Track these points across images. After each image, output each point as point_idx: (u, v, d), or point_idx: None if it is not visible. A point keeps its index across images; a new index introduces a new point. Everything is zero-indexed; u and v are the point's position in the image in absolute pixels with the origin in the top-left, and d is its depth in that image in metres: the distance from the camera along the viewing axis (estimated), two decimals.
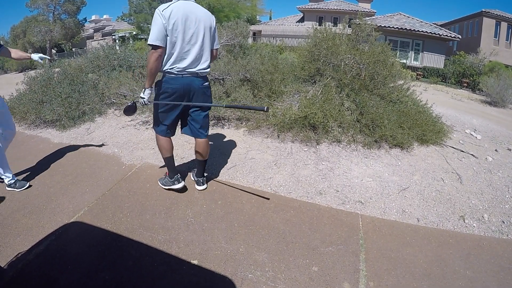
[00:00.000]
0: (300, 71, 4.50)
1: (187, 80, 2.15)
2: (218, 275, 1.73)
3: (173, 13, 1.98)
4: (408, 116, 3.70)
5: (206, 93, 2.28)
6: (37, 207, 2.29)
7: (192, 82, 2.16)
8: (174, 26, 1.99)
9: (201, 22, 2.09)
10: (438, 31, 16.60)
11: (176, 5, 2.02)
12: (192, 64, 2.12)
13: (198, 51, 2.12)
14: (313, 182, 2.76)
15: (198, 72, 2.16)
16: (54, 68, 5.28)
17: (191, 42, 2.08)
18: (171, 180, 2.41)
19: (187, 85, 2.15)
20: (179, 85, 2.13)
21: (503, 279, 1.80)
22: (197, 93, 2.21)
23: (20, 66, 19.19)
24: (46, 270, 1.70)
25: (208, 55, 2.21)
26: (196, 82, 2.18)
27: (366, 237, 2.09)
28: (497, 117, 7.14)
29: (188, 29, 2.05)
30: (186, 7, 2.05)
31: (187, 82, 2.15)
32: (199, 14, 2.10)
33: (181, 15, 2.01)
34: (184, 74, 2.13)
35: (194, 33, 2.07)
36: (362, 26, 4.67)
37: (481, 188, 2.83)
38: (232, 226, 2.14)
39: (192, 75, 2.16)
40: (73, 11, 22.07)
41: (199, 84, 2.19)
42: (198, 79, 2.19)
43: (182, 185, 2.43)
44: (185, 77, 2.14)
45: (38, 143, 3.56)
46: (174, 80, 2.13)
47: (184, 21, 2.02)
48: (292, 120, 3.52)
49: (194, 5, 2.11)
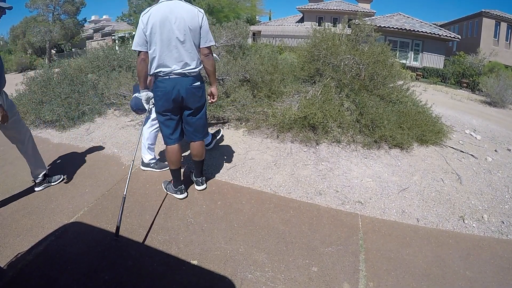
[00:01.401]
0: (299, 72, 4.50)
1: (175, 81, 2.11)
2: (217, 275, 1.73)
3: (151, 17, 2.00)
4: (408, 116, 3.70)
5: (197, 93, 2.20)
6: (37, 208, 2.29)
7: (180, 82, 2.12)
8: (152, 30, 2.00)
9: (182, 21, 2.02)
10: (438, 31, 16.62)
11: (156, 8, 2.02)
12: (176, 65, 2.08)
13: (182, 52, 2.07)
14: (312, 183, 2.76)
15: (185, 72, 2.12)
16: (53, 68, 5.28)
17: (171, 43, 2.04)
18: (174, 189, 2.42)
19: (175, 85, 2.11)
20: (168, 87, 2.10)
21: (503, 279, 1.80)
22: (187, 94, 2.15)
23: (19, 67, 19.20)
24: (46, 270, 1.70)
25: (195, 54, 2.14)
26: (185, 82, 2.13)
27: (366, 238, 2.09)
28: (497, 118, 7.15)
29: (167, 31, 2.01)
30: (166, 9, 2.01)
31: (175, 83, 2.11)
32: (181, 13, 2.03)
33: (159, 18, 1.99)
34: (171, 75, 2.10)
35: (173, 34, 2.02)
36: (361, 26, 4.68)
37: (481, 189, 2.83)
38: (231, 227, 2.14)
39: (180, 75, 2.12)
40: (73, 11, 22.07)
41: (187, 84, 2.14)
42: (187, 79, 2.14)
43: (184, 196, 2.43)
44: (172, 78, 2.11)
45: (37, 144, 3.51)
46: (162, 82, 2.12)
47: (163, 23, 2.00)
48: (291, 121, 3.53)
49: (177, 4, 2.05)
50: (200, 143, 2.39)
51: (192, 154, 2.43)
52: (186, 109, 2.24)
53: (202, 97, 2.27)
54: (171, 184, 2.45)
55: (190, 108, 2.22)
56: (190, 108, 2.22)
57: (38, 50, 22.89)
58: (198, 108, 2.26)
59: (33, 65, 18.60)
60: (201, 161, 2.47)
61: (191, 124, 2.29)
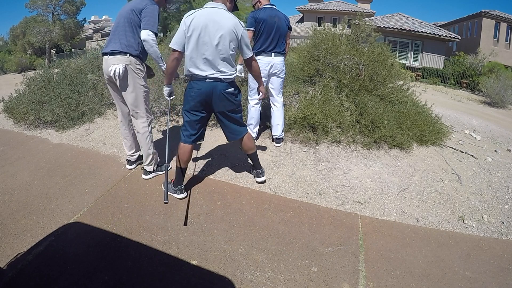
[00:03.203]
0: (299, 72, 4.50)
1: (210, 84, 2.17)
2: (217, 275, 1.73)
3: (194, 20, 2.07)
4: (408, 116, 3.70)
5: (230, 99, 2.26)
6: (37, 208, 2.29)
7: (214, 86, 2.18)
8: (193, 33, 2.07)
9: (221, 30, 2.09)
10: (438, 32, 16.64)
11: (200, 13, 2.09)
12: (213, 69, 2.15)
13: (218, 58, 2.14)
14: (312, 183, 2.76)
15: (221, 77, 2.19)
16: (53, 68, 5.27)
17: (209, 49, 2.10)
18: (174, 189, 2.43)
19: (209, 89, 2.17)
20: (203, 89, 2.17)
21: (503, 279, 1.80)
22: (219, 98, 2.21)
23: (19, 67, 19.19)
24: (46, 270, 1.70)
25: (231, 61, 2.22)
26: (219, 87, 2.19)
27: (366, 238, 2.09)
28: (497, 118, 7.16)
29: (208, 36, 2.08)
30: (210, 15, 2.09)
31: (210, 86, 2.17)
32: (224, 22, 2.10)
33: (202, 23, 2.07)
34: (207, 79, 2.17)
35: (213, 40, 2.09)
36: (361, 26, 4.68)
37: (481, 189, 2.83)
38: (231, 227, 2.14)
39: (215, 80, 2.18)
40: (73, 11, 22.07)
41: (222, 89, 2.20)
42: (221, 84, 2.20)
43: (184, 196, 2.44)
44: (207, 82, 2.17)
45: (37, 144, 3.55)
46: (197, 84, 2.18)
47: (205, 28, 2.07)
48: (291, 121, 3.53)
49: (220, 12, 2.13)
50: (246, 138, 2.47)
51: (244, 150, 2.54)
52: (219, 113, 2.31)
53: (236, 101, 2.34)
54: (171, 183, 2.46)
55: (223, 112, 2.30)
56: (223, 111, 2.30)
57: (38, 50, 22.86)
58: (232, 111, 2.33)
59: (32, 66, 18.59)
60: (254, 153, 2.56)
61: (227, 126, 2.39)
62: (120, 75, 2.33)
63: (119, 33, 2.37)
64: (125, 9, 2.39)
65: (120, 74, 2.32)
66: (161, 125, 3.93)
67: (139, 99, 2.47)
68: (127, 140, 2.75)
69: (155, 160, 2.69)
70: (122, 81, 2.38)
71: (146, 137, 2.57)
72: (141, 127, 2.54)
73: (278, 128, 3.30)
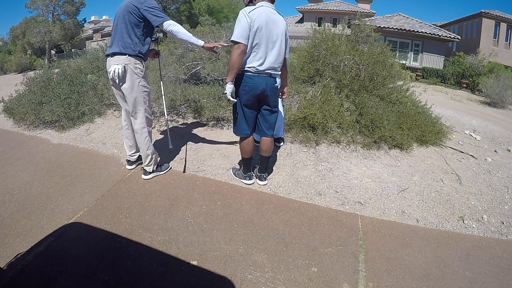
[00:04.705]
0: (299, 72, 4.50)
1: (264, 79, 2.28)
2: (217, 276, 1.73)
3: (258, 16, 2.15)
4: (408, 117, 3.71)
5: (276, 93, 2.44)
6: (37, 208, 2.29)
7: (267, 81, 2.30)
8: (258, 28, 2.15)
9: (279, 27, 2.24)
10: (438, 32, 16.64)
11: (260, 10, 2.18)
12: (270, 65, 2.26)
13: (276, 54, 2.27)
14: (312, 183, 2.76)
15: (272, 73, 2.31)
16: (53, 69, 5.27)
17: (268, 45, 2.22)
18: (243, 175, 2.66)
19: (263, 83, 2.28)
20: (257, 83, 2.26)
21: (503, 280, 1.80)
22: (271, 92, 2.33)
23: (19, 67, 19.19)
24: (46, 271, 1.70)
25: (282, 58, 2.35)
26: (270, 81, 2.32)
27: (366, 238, 2.09)
28: (497, 118, 7.16)
29: (269, 33, 2.20)
30: (268, 13, 2.21)
31: (264, 81, 2.28)
32: (279, 21, 2.26)
33: (265, 19, 2.17)
34: (261, 74, 2.26)
35: (274, 37, 2.22)
36: (361, 26, 4.68)
37: (481, 189, 2.83)
38: (231, 227, 2.14)
39: (268, 75, 2.30)
40: (73, 12, 22.04)
41: (272, 83, 2.33)
42: (272, 79, 2.33)
43: (252, 182, 2.66)
44: (261, 77, 2.27)
45: (37, 144, 3.55)
46: (252, 79, 2.26)
47: (267, 25, 2.18)
48: (291, 121, 3.53)
49: (273, 11, 2.27)
50: (271, 140, 2.54)
51: (262, 150, 2.57)
52: (266, 106, 2.41)
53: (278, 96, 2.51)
54: (241, 170, 2.67)
55: (269, 105, 2.40)
56: (270, 105, 2.40)
57: (38, 50, 22.86)
58: (276, 106, 2.46)
59: (32, 66, 18.58)
60: (268, 157, 2.61)
61: (267, 120, 2.46)
62: (119, 75, 2.35)
63: (117, 34, 2.39)
64: (120, 9, 2.40)
65: (119, 74, 2.34)
66: (161, 125, 3.93)
67: (139, 99, 2.48)
68: (128, 140, 2.75)
69: (154, 160, 2.69)
70: (121, 81, 2.40)
71: (145, 137, 2.57)
72: (139, 127, 2.55)
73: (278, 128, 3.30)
